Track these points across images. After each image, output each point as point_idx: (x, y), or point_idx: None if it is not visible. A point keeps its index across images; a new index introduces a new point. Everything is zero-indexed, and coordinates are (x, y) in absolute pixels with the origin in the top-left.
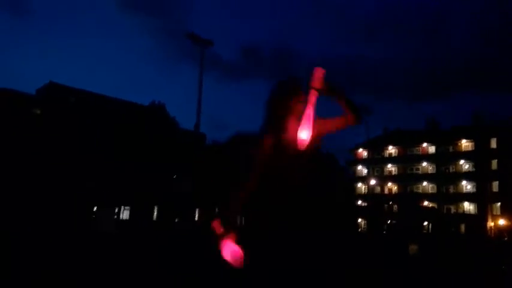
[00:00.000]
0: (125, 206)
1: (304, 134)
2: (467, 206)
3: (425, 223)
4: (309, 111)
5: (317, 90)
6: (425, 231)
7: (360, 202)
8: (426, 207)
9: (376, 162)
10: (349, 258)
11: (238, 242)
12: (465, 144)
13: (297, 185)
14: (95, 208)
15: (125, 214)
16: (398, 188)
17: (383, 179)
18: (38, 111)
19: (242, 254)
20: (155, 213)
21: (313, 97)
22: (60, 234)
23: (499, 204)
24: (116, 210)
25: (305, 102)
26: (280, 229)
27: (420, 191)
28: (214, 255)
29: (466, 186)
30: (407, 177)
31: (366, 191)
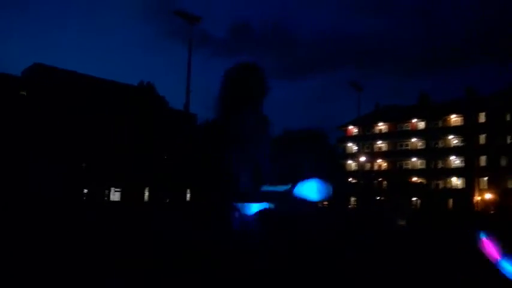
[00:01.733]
0: (115, 187)
1: None
2: (455, 181)
3: (414, 199)
4: None
5: None
6: (413, 207)
7: (350, 179)
8: (415, 183)
9: (366, 139)
10: (339, 233)
11: None
12: (454, 119)
13: None
14: (85, 190)
15: (116, 196)
16: (388, 165)
17: (373, 155)
18: (24, 93)
19: None
20: (146, 194)
21: None
22: (52, 216)
23: (486, 178)
24: (106, 192)
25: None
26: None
27: (409, 166)
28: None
29: (455, 161)
30: (397, 154)
31: (356, 167)
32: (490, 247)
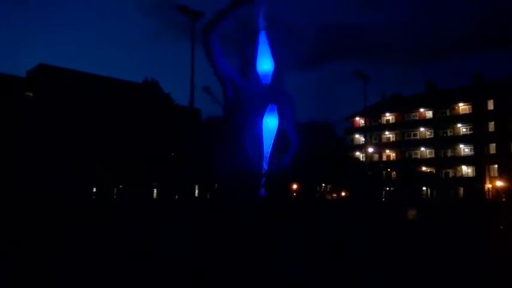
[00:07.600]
0: (124, 185)
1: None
2: (465, 169)
3: (424, 188)
4: None
5: None
6: (424, 197)
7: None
8: (424, 173)
9: (373, 130)
10: (348, 224)
11: None
12: (462, 107)
13: None
14: (94, 189)
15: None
16: (396, 155)
17: (381, 146)
18: (30, 93)
19: None
20: (155, 192)
21: None
22: (64, 218)
23: (496, 166)
24: (115, 191)
25: None
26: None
27: (418, 156)
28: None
29: (464, 149)
30: (405, 143)
31: (364, 159)
32: None
